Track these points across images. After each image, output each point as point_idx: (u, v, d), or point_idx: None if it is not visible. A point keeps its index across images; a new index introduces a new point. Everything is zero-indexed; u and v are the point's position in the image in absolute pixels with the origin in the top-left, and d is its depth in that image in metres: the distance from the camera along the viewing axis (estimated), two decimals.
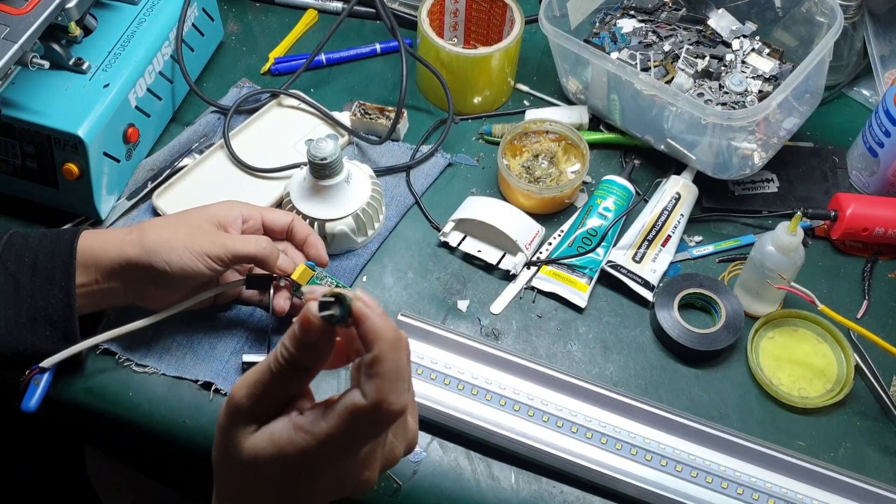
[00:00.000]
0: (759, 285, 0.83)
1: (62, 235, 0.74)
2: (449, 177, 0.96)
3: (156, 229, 0.73)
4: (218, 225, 0.75)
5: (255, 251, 0.74)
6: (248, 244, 0.74)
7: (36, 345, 0.73)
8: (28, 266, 0.72)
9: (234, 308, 0.83)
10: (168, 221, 0.75)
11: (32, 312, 0.72)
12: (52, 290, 0.72)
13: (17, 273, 0.72)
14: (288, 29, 1.08)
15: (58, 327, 0.72)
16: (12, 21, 0.78)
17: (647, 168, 0.96)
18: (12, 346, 0.72)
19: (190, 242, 0.72)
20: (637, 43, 0.98)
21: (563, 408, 0.78)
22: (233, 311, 0.83)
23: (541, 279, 0.87)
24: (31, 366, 0.73)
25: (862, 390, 0.82)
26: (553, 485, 0.75)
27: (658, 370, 0.82)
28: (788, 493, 0.74)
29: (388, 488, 0.75)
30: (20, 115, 0.82)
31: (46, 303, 0.72)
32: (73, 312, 0.72)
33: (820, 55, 0.86)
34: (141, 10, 0.92)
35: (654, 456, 0.75)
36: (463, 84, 0.97)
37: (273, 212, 0.80)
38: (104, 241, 0.73)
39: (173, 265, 0.72)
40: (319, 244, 0.80)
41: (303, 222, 0.81)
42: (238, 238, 0.75)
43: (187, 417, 0.77)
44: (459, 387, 0.78)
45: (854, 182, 0.96)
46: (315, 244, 0.80)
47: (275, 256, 0.76)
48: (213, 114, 0.97)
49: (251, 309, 0.83)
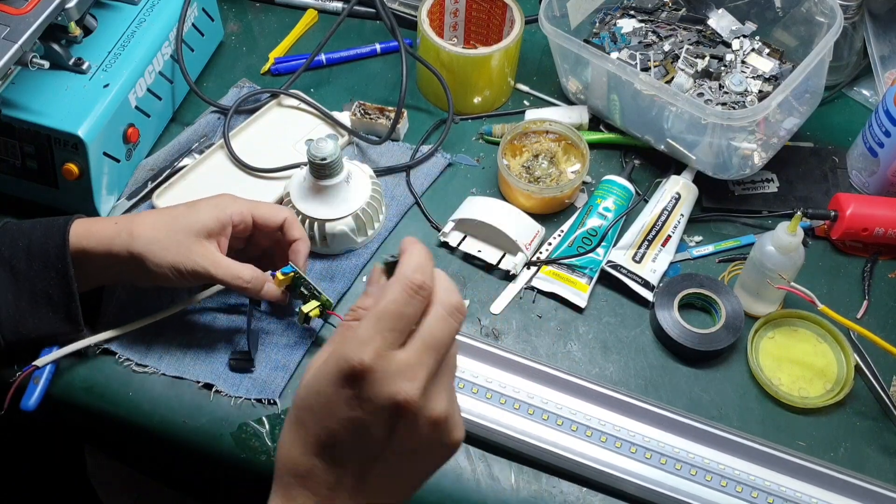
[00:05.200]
0: (759, 285, 0.83)
1: (55, 222, 0.75)
2: (449, 177, 0.96)
3: (145, 234, 0.73)
4: (207, 236, 0.75)
5: (239, 284, 0.75)
6: (233, 273, 0.75)
7: (39, 328, 0.74)
8: (22, 251, 0.73)
9: (234, 308, 0.83)
10: (157, 227, 0.74)
11: (32, 296, 0.73)
12: (48, 273, 0.73)
13: (12, 259, 0.73)
14: (288, 29, 1.08)
15: (59, 309, 0.74)
16: (12, 21, 0.78)
17: (647, 168, 0.96)
18: (15, 331, 0.73)
19: (176, 259, 0.73)
20: (637, 43, 0.98)
21: (562, 406, 0.78)
22: (233, 312, 0.83)
23: (541, 279, 0.87)
24: (37, 351, 0.75)
25: (862, 390, 0.82)
26: (553, 484, 0.75)
27: (658, 370, 0.82)
28: (787, 490, 0.74)
29: None
30: (20, 115, 0.82)
31: (46, 285, 0.73)
32: (72, 292, 0.73)
33: (820, 55, 0.86)
34: (141, 10, 0.92)
35: (652, 454, 0.75)
36: (463, 84, 0.97)
37: (265, 208, 0.79)
38: (92, 235, 0.74)
39: (158, 277, 0.74)
40: (303, 251, 0.79)
41: (296, 223, 0.80)
42: (223, 266, 0.75)
43: (187, 417, 0.77)
44: (460, 385, 0.78)
45: (854, 182, 0.96)
46: (298, 251, 0.79)
47: (258, 287, 0.76)
48: (212, 114, 0.97)
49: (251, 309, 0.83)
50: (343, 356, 0.47)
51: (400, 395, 0.47)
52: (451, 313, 0.50)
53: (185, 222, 0.75)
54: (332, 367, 0.48)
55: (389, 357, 0.48)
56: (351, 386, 0.47)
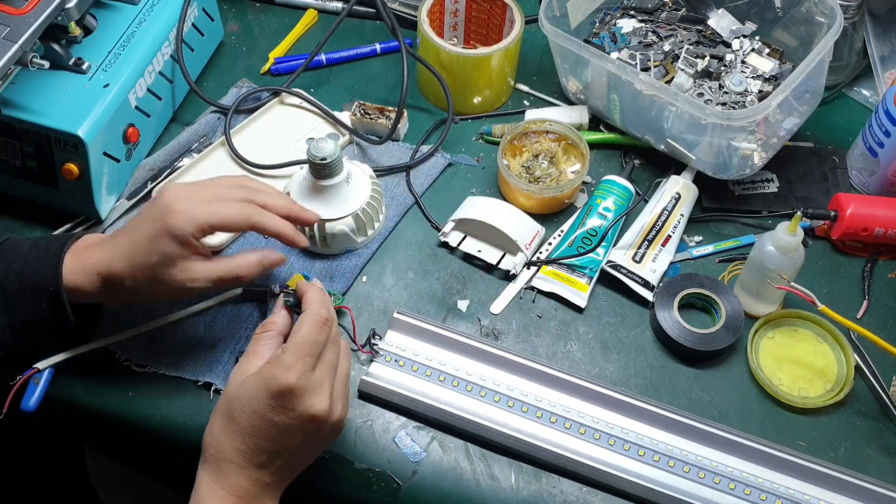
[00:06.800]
0: (759, 285, 0.83)
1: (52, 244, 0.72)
2: (449, 177, 0.96)
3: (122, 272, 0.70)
4: (179, 241, 0.68)
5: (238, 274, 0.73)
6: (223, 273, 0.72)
7: (34, 347, 0.74)
8: (15, 273, 0.71)
9: (234, 308, 0.83)
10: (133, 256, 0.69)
11: (25, 318, 0.71)
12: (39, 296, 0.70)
13: (4, 280, 0.70)
14: (288, 29, 1.08)
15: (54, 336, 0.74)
16: (12, 21, 0.78)
17: (647, 168, 0.96)
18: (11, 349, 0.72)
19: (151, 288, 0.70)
20: (637, 43, 0.98)
21: (556, 404, 0.78)
22: (233, 312, 0.83)
23: (541, 279, 0.87)
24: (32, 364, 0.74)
25: (862, 390, 0.82)
26: (553, 485, 0.75)
27: (658, 370, 0.82)
28: (787, 490, 0.74)
29: (388, 488, 0.75)
30: (20, 115, 0.82)
31: (38, 308, 0.70)
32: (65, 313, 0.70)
33: (820, 55, 0.86)
34: (141, 10, 0.92)
35: (652, 453, 0.75)
36: (463, 84, 0.97)
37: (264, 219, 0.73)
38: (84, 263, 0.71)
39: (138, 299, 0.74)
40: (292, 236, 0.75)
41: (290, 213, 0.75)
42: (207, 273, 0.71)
43: (187, 417, 0.77)
44: (454, 383, 0.79)
45: (854, 182, 0.96)
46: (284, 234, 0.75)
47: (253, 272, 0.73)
48: (212, 114, 0.97)
49: (251, 309, 0.83)
50: (274, 377, 0.62)
51: (314, 408, 0.63)
52: (334, 340, 0.67)
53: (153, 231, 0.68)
54: (263, 383, 0.62)
55: (308, 377, 0.63)
56: (278, 400, 0.62)
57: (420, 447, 0.77)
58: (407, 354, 0.80)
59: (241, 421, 0.63)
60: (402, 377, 0.79)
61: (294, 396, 0.62)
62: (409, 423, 0.78)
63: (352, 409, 0.78)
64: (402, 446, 0.77)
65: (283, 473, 0.65)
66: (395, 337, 0.82)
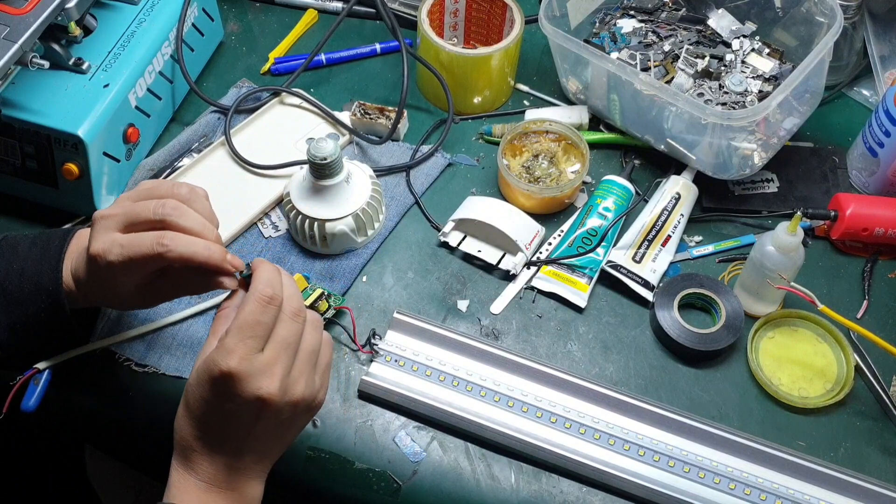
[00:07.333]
0: (759, 285, 0.83)
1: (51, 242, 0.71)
2: (449, 177, 0.96)
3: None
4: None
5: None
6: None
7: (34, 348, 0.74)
8: (16, 273, 0.70)
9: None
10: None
11: (25, 317, 0.71)
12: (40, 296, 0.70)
13: (4, 281, 0.70)
14: (288, 29, 1.08)
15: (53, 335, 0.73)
16: (12, 21, 0.78)
17: (647, 168, 0.96)
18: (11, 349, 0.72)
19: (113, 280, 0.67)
20: (637, 43, 0.98)
21: (556, 404, 0.78)
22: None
23: (541, 279, 0.87)
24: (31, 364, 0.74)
25: (862, 390, 0.82)
26: (553, 485, 0.75)
27: (658, 370, 0.82)
28: (787, 490, 0.74)
29: (388, 488, 0.75)
30: (20, 115, 0.82)
31: (38, 309, 0.70)
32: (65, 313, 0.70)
33: (820, 55, 0.86)
34: (141, 10, 0.92)
35: (652, 453, 0.75)
36: (463, 84, 0.97)
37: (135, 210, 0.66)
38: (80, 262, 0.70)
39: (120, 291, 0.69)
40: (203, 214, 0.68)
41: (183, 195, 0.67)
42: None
43: None
44: (454, 383, 0.79)
45: (854, 182, 0.96)
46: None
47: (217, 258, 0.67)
48: (212, 114, 0.97)
49: None
50: (214, 362, 0.59)
51: (262, 391, 0.59)
52: (292, 317, 0.62)
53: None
54: (206, 369, 0.59)
55: (252, 359, 0.59)
56: (221, 386, 0.59)
57: (420, 447, 0.77)
58: (407, 354, 0.80)
59: (194, 408, 0.61)
60: (402, 377, 0.79)
61: (237, 381, 0.58)
62: (409, 423, 0.78)
63: (352, 408, 0.79)
64: (402, 446, 0.77)
65: (255, 456, 0.62)
66: (395, 337, 0.82)
